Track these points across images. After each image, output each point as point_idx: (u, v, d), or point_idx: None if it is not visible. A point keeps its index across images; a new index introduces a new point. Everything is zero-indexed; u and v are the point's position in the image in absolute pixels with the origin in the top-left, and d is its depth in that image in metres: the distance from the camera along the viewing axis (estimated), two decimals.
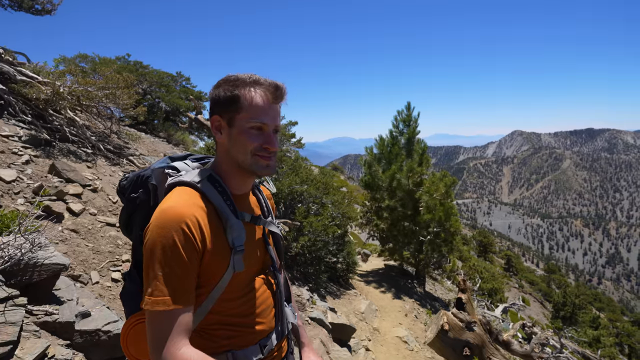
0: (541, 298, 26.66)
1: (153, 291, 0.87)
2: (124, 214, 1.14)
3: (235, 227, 1.01)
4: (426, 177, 10.25)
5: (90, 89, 6.00)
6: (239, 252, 1.00)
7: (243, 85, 1.01)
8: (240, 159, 1.02)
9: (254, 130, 1.01)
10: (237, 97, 1.00)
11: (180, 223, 0.89)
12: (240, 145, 1.01)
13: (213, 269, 0.97)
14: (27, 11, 6.70)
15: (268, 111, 1.01)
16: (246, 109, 1.00)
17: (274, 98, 1.02)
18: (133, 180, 1.11)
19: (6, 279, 1.96)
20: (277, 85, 1.03)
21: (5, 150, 4.38)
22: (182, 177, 1.02)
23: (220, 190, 1.02)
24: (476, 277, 16.72)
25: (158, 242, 0.88)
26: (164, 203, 0.94)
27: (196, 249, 0.91)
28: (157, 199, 1.05)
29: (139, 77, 11.51)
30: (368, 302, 7.53)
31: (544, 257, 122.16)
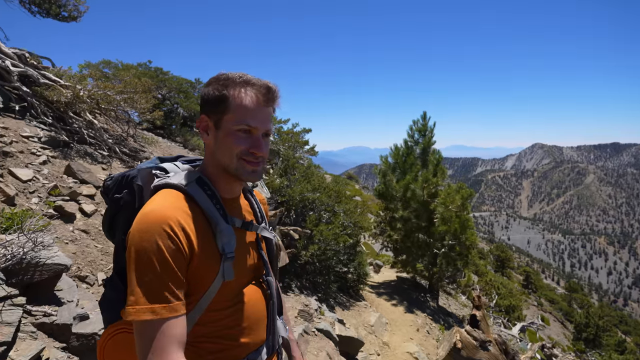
0: (562, 318, 25.50)
1: (137, 299, 0.81)
2: (107, 216, 1.08)
3: (225, 232, 0.95)
4: (441, 188, 10.02)
5: (110, 92, 6.15)
6: (229, 259, 0.94)
7: (233, 85, 0.95)
8: (225, 162, 0.97)
9: (242, 134, 0.95)
10: (225, 97, 0.95)
11: (163, 225, 0.83)
12: (226, 148, 0.95)
13: (201, 276, 0.90)
14: (55, 18, 6.97)
15: (257, 114, 0.95)
16: (234, 110, 0.94)
17: (265, 100, 0.96)
18: (118, 180, 1.05)
19: (7, 278, 1.95)
20: (269, 86, 0.97)
21: (24, 151, 4.49)
22: (169, 179, 0.96)
23: (210, 193, 0.97)
24: (492, 293, 16.14)
25: (140, 247, 0.82)
26: (147, 206, 0.88)
27: (182, 254, 0.85)
28: (142, 200, 1.00)
29: (158, 83, 11.80)
30: (378, 314, 7.32)
31: (565, 274, 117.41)
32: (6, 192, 3.47)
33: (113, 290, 1.01)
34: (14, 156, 4.20)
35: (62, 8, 6.68)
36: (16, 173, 3.91)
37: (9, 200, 3.48)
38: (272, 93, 0.97)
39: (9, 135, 4.52)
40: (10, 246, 2.01)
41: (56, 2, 6.48)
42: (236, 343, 0.99)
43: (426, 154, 10.17)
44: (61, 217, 3.82)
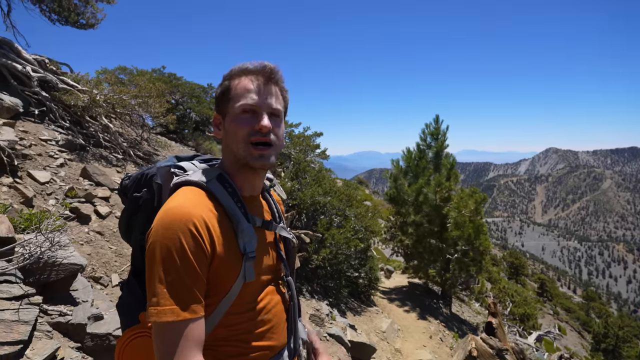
0: (579, 327, 24.73)
1: (159, 300, 0.78)
2: (124, 216, 1.06)
3: (247, 231, 0.92)
4: (454, 193, 9.87)
5: (125, 97, 6.26)
6: (251, 259, 0.91)
7: (233, 75, 0.96)
8: (234, 149, 0.94)
9: (244, 115, 0.93)
10: (227, 87, 0.96)
11: (187, 223, 0.80)
12: (233, 134, 0.93)
13: (222, 277, 0.88)
14: (73, 25, 7.16)
15: (258, 92, 0.93)
16: (235, 95, 0.94)
17: (264, 79, 0.95)
18: (137, 179, 1.03)
19: (24, 277, 1.97)
20: (265, 64, 0.96)
21: (42, 153, 4.58)
22: (189, 177, 0.94)
23: (231, 191, 0.94)
24: (507, 301, 15.78)
25: (163, 245, 0.79)
26: (169, 203, 0.86)
27: (205, 253, 0.82)
28: (161, 199, 0.97)
29: (172, 88, 11.97)
30: (390, 320, 7.21)
31: (582, 282, 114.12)
32: (25, 193, 3.54)
33: (130, 293, 0.99)
34: (32, 159, 4.29)
35: (80, 16, 6.84)
36: (34, 175, 3.99)
37: (28, 202, 3.55)
38: (267, 69, 0.95)
39: (28, 139, 4.62)
40: (28, 245, 2.03)
41: (75, 10, 6.65)
42: (257, 347, 0.95)
43: (439, 157, 10.05)
44: (77, 218, 3.88)
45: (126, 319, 0.99)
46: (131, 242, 1.06)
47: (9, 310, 1.77)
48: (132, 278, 1.00)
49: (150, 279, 0.80)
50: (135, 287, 0.98)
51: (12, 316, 1.75)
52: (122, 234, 1.10)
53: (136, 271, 1.00)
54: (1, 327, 1.70)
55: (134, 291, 0.98)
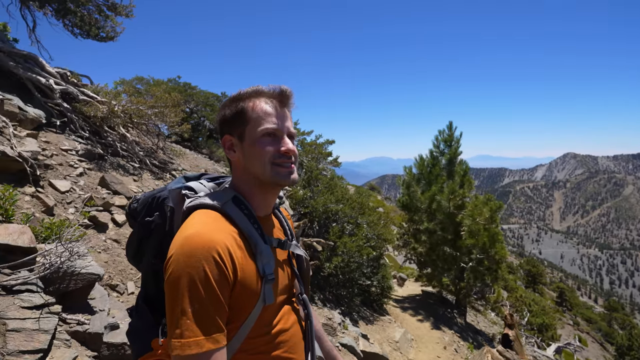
0: (601, 339, 23.80)
1: (183, 332, 0.75)
2: (133, 240, 1.03)
3: (265, 253, 0.91)
4: (468, 200, 9.71)
5: (142, 107, 6.43)
6: (270, 281, 0.90)
7: (247, 97, 0.96)
8: (259, 171, 0.93)
9: (267, 138, 0.93)
10: (242, 109, 0.95)
11: (211, 251, 0.79)
12: (256, 156, 0.93)
13: (243, 302, 0.86)
14: (94, 39, 7.43)
15: (277, 115, 0.94)
16: (254, 118, 0.94)
17: (280, 102, 0.96)
18: (147, 203, 1.01)
19: (45, 286, 2.03)
20: (281, 88, 0.96)
21: (63, 163, 4.74)
22: (204, 200, 0.92)
23: (247, 212, 0.93)
24: (524, 310, 15.34)
25: (186, 274, 0.77)
26: (188, 229, 0.83)
27: (228, 280, 0.81)
28: (173, 223, 0.96)
29: (187, 97, 12.25)
30: (403, 330, 7.10)
31: (604, 292, 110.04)
32: (46, 202, 3.66)
33: (140, 319, 0.97)
34: (54, 168, 4.44)
35: (101, 29, 7.10)
36: (55, 184, 4.13)
37: (48, 211, 3.67)
38: (284, 94, 0.96)
39: (50, 149, 4.79)
40: (48, 255, 2.10)
41: (95, 24, 6.90)
42: None
43: (452, 164, 9.92)
44: (95, 226, 3.98)
45: (138, 346, 0.96)
46: (140, 266, 1.03)
47: (30, 319, 1.83)
48: (142, 304, 0.98)
49: (172, 310, 0.78)
50: (145, 312, 0.96)
51: (33, 325, 1.81)
52: (129, 258, 1.07)
53: (147, 296, 0.98)
54: (22, 335, 1.76)
55: (144, 317, 0.96)
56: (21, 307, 1.86)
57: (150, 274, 0.97)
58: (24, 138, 4.35)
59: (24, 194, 3.67)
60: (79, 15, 6.66)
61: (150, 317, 0.95)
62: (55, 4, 6.52)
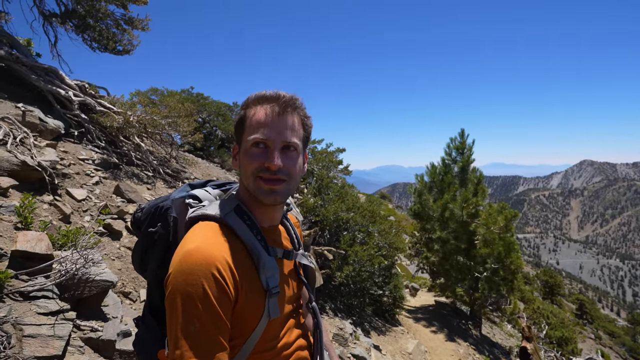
0: (625, 354, 22.79)
1: (183, 353, 0.73)
2: (138, 250, 1.01)
3: (268, 265, 0.87)
4: (482, 209, 9.54)
5: (156, 117, 6.58)
6: (274, 295, 0.86)
7: (250, 104, 0.92)
8: (247, 183, 0.90)
9: (255, 149, 0.87)
10: (243, 117, 0.92)
11: (210, 268, 0.76)
12: (244, 167, 0.89)
13: (245, 318, 0.83)
14: (111, 52, 7.68)
15: (271, 124, 0.87)
16: (248, 126, 0.89)
17: (280, 109, 0.88)
18: (150, 212, 0.98)
19: (60, 293, 2.06)
20: (279, 94, 0.90)
21: (80, 172, 4.86)
22: (205, 210, 0.89)
23: (250, 223, 0.89)
24: (542, 323, 14.84)
25: (184, 292, 0.74)
26: (187, 244, 0.80)
27: (229, 297, 0.78)
28: (177, 233, 0.94)
29: (199, 107, 12.50)
30: (416, 341, 6.94)
31: (627, 304, 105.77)
32: (63, 210, 3.75)
33: (147, 329, 0.96)
34: (71, 177, 4.56)
35: (118, 43, 7.34)
36: (72, 193, 4.23)
37: (65, 219, 3.75)
38: (283, 99, 0.89)
39: (67, 158, 4.93)
40: (64, 262, 2.14)
41: (113, 38, 7.14)
42: None
43: (465, 172, 9.80)
44: (109, 234, 4.05)
45: (144, 357, 0.95)
46: (146, 275, 1.02)
47: (45, 325, 1.86)
48: (149, 314, 0.97)
49: (171, 329, 0.75)
50: (152, 323, 0.95)
51: (48, 331, 1.83)
52: (135, 267, 1.06)
53: (152, 306, 0.96)
54: (38, 341, 1.78)
55: (151, 328, 0.94)
56: (37, 313, 1.89)
57: (155, 284, 0.95)
58: (44, 148, 4.49)
59: (43, 202, 3.77)
60: (97, 30, 6.90)
61: (156, 327, 0.93)
62: (75, 20, 6.78)
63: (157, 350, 0.91)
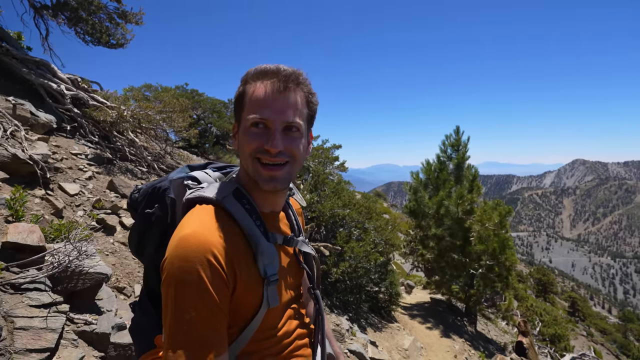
0: (616, 351, 23.14)
1: (176, 341, 0.70)
2: (135, 232, 0.97)
3: (267, 252, 0.83)
4: (477, 206, 9.59)
5: (150, 112, 6.49)
6: (273, 283, 0.83)
7: (250, 79, 0.84)
8: (245, 165, 0.85)
9: (255, 129, 0.81)
10: (242, 93, 0.84)
11: (206, 254, 0.72)
12: (242, 147, 0.84)
13: (244, 305, 0.81)
14: (104, 46, 7.57)
15: (271, 103, 0.80)
16: (247, 103, 0.83)
17: (281, 85, 0.81)
18: (147, 193, 0.94)
19: (53, 285, 2.02)
20: (280, 68, 0.82)
21: (72, 167, 4.78)
22: (203, 192, 0.84)
23: (249, 208, 0.84)
24: (535, 320, 15.00)
25: (179, 279, 0.71)
26: (183, 228, 0.76)
27: (226, 284, 0.75)
28: (175, 214, 0.90)
29: (194, 104, 12.39)
30: (412, 338, 6.96)
31: (618, 302, 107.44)
32: (55, 205, 3.68)
33: (144, 314, 0.92)
34: (63, 172, 4.48)
35: (111, 37, 7.23)
36: (65, 187, 4.15)
37: (58, 213, 3.68)
38: (285, 75, 0.82)
39: (60, 153, 4.84)
40: (57, 254, 2.09)
41: (106, 32, 7.03)
42: None
43: (460, 169, 9.83)
44: (103, 229, 3.99)
45: (141, 343, 0.92)
46: (143, 259, 0.98)
47: (37, 317, 1.81)
48: (145, 299, 0.94)
49: (166, 317, 0.72)
50: (148, 307, 0.92)
51: (40, 324, 1.79)
52: (132, 250, 1.02)
53: (149, 291, 0.93)
54: (30, 334, 1.74)
55: (147, 313, 0.91)
56: (29, 306, 1.84)
57: (152, 268, 0.91)
58: (35, 142, 4.41)
59: (34, 196, 3.69)
60: (90, 23, 6.79)
61: (154, 313, 0.90)
62: (67, 13, 6.66)
63: (154, 335, 0.88)
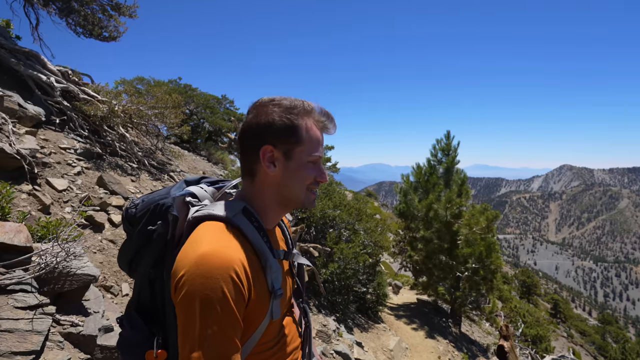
0: (595, 352, 23.79)
1: (200, 357, 0.73)
2: (129, 248, 0.97)
3: (274, 267, 0.89)
4: (465, 209, 9.74)
5: (142, 107, 6.42)
6: (279, 296, 0.88)
7: (302, 114, 0.93)
8: (295, 193, 0.95)
9: (312, 164, 0.95)
10: (297, 127, 0.91)
11: (229, 271, 0.76)
12: (299, 180, 0.94)
13: (252, 318, 0.85)
14: (97, 38, 7.44)
15: (323, 142, 0.97)
16: (308, 141, 0.93)
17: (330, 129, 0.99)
18: (149, 210, 0.94)
19: (39, 286, 2.01)
20: (330, 117, 0.98)
21: (61, 162, 4.71)
22: (211, 210, 0.88)
23: (257, 225, 0.90)
24: (518, 321, 15.33)
25: (203, 296, 0.74)
26: (200, 245, 0.79)
27: (244, 299, 0.80)
28: (174, 231, 0.91)
29: (187, 99, 12.27)
30: (398, 338, 7.06)
31: (598, 305, 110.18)
32: (43, 201, 3.64)
33: (134, 330, 0.92)
34: (51, 167, 4.41)
35: (104, 29, 7.11)
36: (53, 183, 4.10)
37: (45, 209, 3.64)
38: (333, 123, 0.99)
39: (48, 147, 4.77)
40: (44, 255, 2.08)
41: (99, 24, 6.91)
42: None
43: (450, 173, 9.97)
44: (91, 226, 3.95)
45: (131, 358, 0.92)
46: (134, 274, 0.97)
47: (23, 319, 1.80)
48: (135, 315, 0.93)
49: (187, 332, 0.75)
50: (139, 323, 0.92)
51: (26, 326, 1.78)
52: (123, 265, 1.00)
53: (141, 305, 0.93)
54: (15, 336, 1.73)
55: (138, 328, 0.91)
56: (15, 307, 1.83)
57: (146, 283, 0.92)
58: (23, 135, 4.33)
59: (21, 191, 3.64)
60: (82, 14, 6.67)
61: (144, 328, 0.90)
62: (59, 3, 6.52)
63: (145, 350, 0.89)
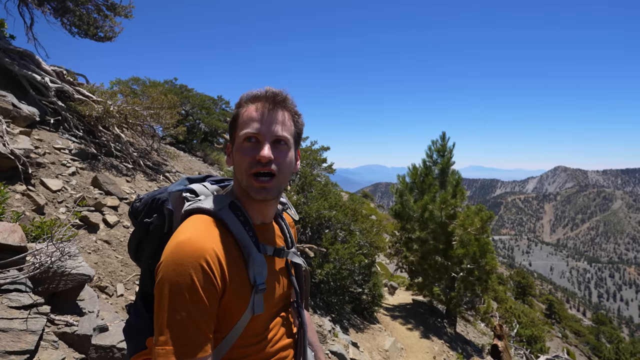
0: (589, 352, 23.98)
1: (167, 339, 0.75)
2: (134, 239, 1.05)
3: (257, 261, 0.89)
4: (460, 210, 9.81)
5: (137, 108, 6.41)
6: (260, 291, 0.89)
7: (243, 102, 0.95)
8: (242, 181, 0.92)
9: (247, 143, 0.91)
10: (235, 115, 0.95)
11: (199, 259, 0.78)
12: (237, 163, 0.92)
13: (230, 311, 0.86)
14: (92, 38, 7.41)
15: (261, 119, 0.91)
16: (240, 123, 0.93)
17: (270, 105, 0.92)
18: (147, 203, 1.02)
19: (34, 286, 2.01)
20: (267, 89, 0.94)
21: (55, 162, 4.69)
22: (200, 204, 0.92)
23: (242, 219, 0.92)
24: (513, 322, 15.42)
25: (173, 282, 0.76)
26: (179, 235, 0.83)
27: (216, 288, 0.80)
28: (172, 225, 0.96)
29: (183, 99, 12.23)
30: (393, 339, 7.09)
31: (592, 305, 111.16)
32: (37, 201, 3.62)
33: (138, 317, 0.98)
34: (46, 167, 4.40)
35: (99, 29, 7.08)
36: (47, 183, 4.08)
37: (39, 210, 3.63)
38: (271, 95, 0.93)
39: (42, 147, 4.74)
40: (39, 255, 2.08)
41: (94, 24, 6.89)
42: None
43: (445, 174, 10.03)
44: (86, 227, 3.94)
45: (133, 344, 0.97)
46: (140, 263, 1.05)
47: (17, 319, 1.80)
48: (140, 302, 0.99)
49: (158, 317, 0.77)
50: (142, 311, 0.97)
51: (20, 325, 1.78)
52: (131, 254, 1.09)
53: (144, 295, 0.98)
54: (9, 336, 1.73)
55: (141, 316, 0.96)
56: (9, 307, 1.83)
57: (148, 273, 0.98)
58: (17, 135, 4.31)
59: (15, 192, 3.62)
60: (77, 14, 6.64)
61: (146, 316, 0.95)
62: (54, 2, 6.50)
63: (146, 337, 0.93)
